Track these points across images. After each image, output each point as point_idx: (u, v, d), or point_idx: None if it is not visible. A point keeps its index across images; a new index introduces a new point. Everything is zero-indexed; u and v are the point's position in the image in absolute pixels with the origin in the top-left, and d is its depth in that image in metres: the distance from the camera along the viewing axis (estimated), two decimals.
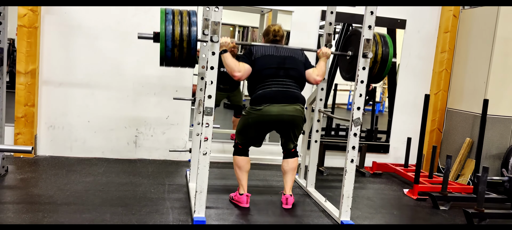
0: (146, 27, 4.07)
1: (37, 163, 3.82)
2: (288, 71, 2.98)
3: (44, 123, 4.08)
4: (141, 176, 3.66)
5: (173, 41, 2.64)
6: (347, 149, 2.83)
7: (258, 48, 3.03)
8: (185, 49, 2.67)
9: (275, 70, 2.96)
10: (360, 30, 3.04)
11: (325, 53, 3.16)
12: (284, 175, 3.18)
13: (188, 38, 2.64)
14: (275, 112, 2.92)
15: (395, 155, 4.75)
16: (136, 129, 4.24)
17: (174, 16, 2.68)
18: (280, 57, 3.01)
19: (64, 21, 3.97)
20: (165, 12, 2.67)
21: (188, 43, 2.66)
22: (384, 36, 3.13)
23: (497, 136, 4.15)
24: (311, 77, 3.09)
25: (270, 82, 2.96)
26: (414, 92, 4.69)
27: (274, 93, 2.93)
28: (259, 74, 2.96)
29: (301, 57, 3.09)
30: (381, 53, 3.04)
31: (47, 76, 4.02)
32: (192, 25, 2.66)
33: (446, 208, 3.41)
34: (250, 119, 3.00)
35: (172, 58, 2.70)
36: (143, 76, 4.15)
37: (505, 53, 4.09)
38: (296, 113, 2.97)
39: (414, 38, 4.61)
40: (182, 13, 2.71)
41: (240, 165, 3.11)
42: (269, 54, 3.00)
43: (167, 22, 2.64)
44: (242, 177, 3.10)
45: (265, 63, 2.96)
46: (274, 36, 3.12)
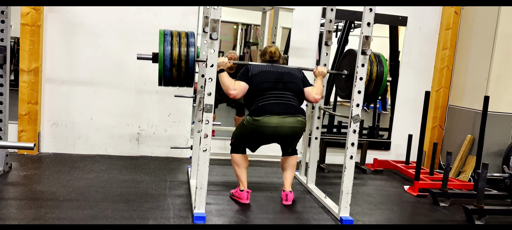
0: (148, 24, 4.11)
1: (41, 160, 3.87)
2: (287, 84, 3.01)
3: (47, 121, 4.13)
4: (143, 173, 3.69)
5: (172, 61, 2.71)
6: (346, 146, 2.85)
7: (254, 66, 3.07)
8: (183, 69, 2.76)
9: (273, 84, 2.98)
10: (355, 50, 3.10)
11: (321, 72, 3.21)
12: (283, 171, 3.21)
13: (186, 59, 2.72)
14: (274, 123, 2.90)
15: (397, 152, 4.76)
16: (138, 126, 4.28)
17: (173, 37, 2.77)
18: (278, 73, 3.05)
19: (67, 19, 4.01)
20: (164, 33, 2.76)
21: (186, 63, 2.74)
22: (378, 56, 3.19)
23: (498, 132, 4.15)
24: (311, 95, 3.10)
25: (269, 95, 2.96)
26: (415, 89, 4.69)
27: (274, 105, 2.93)
28: (257, 88, 2.97)
29: (298, 74, 3.14)
30: (376, 72, 3.10)
31: (50, 74, 4.06)
32: (190, 46, 2.74)
33: (446, 204, 3.42)
34: (248, 129, 2.99)
35: (171, 78, 2.79)
36: (145, 73, 4.18)
37: (506, 49, 4.09)
38: (297, 124, 2.95)
39: (415, 35, 4.61)
40: (181, 34, 2.79)
41: (238, 162, 3.13)
42: (266, 70, 3.04)
43: (166, 43, 2.71)
44: (241, 173, 3.13)
45: (263, 78, 2.99)
46: (271, 57, 3.18)
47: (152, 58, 2.80)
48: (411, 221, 3.18)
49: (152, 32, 4.14)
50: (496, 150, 4.16)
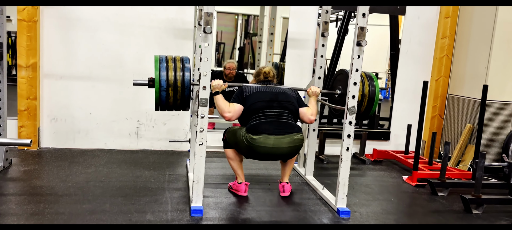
0: (144, 18, 4.10)
1: (41, 155, 3.89)
2: (282, 103, 3.01)
3: (47, 116, 4.14)
4: (142, 167, 3.71)
5: (167, 86, 2.76)
6: (342, 137, 2.84)
7: (249, 87, 3.07)
8: (179, 93, 2.80)
9: (268, 103, 2.99)
10: (346, 70, 3.12)
11: (315, 92, 3.22)
12: (282, 164, 3.22)
13: (181, 83, 2.78)
14: (271, 144, 2.88)
15: (396, 142, 4.75)
16: (137, 120, 4.29)
17: (168, 63, 2.81)
18: (272, 93, 3.06)
19: (63, 14, 4.00)
20: (159, 59, 2.81)
21: (182, 88, 2.79)
22: (370, 76, 3.21)
23: (498, 121, 4.13)
24: (306, 116, 3.11)
25: (265, 113, 2.96)
26: (414, 78, 4.66)
27: (270, 124, 2.92)
28: (252, 108, 2.97)
29: (293, 94, 3.14)
30: (368, 91, 3.12)
31: (48, 69, 4.07)
32: (186, 71, 2.80)
33: (444, 194, 3.42)
34: (244, 146, 2.95)
35: (167, 102, 2.84)
36: (143, 67, 4.18)
37: (506, 38, 4.05)
38: (294, 143, 2.94)
39: (414, 24, 4.57)
40: (175, 59, 2.85)
41: (231, 156, 3.13)
42: (260, 91, 3.05)
43: (161, 69, 2.76)
44: (236, 166, 3.14)
45: (258, 98, 3.00)
46: (265, 77, 3.19)
47: (148, 84, 2.86)
48: (408, 212, 3.19)
49: (148, 26, 4.14)
50: (495, 139, 4.14)
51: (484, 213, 3.05)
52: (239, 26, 7.91)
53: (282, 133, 2.91)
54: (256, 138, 2.88)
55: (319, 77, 3.48)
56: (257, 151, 2.91)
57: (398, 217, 3.00)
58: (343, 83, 3.20)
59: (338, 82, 3.32)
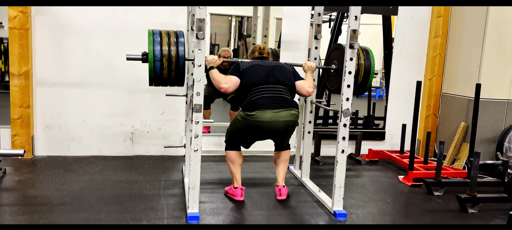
0: (137, 23, 4.08)
1: (35, 163, 3.87)
2: (278, 78, 2.99)
3: (41, 124, 4.12)
4: (138, 173, 3.69)
5: (162, 61, 2.71)
6: (337, 140, 2.85)
7: (244, 62, 3.06)
8: (173, 68, 2.75)
9: (264, 78, 2.96)
10: (342, 44, 3.14)
11: (310, 67, 3.21)
12: (276, 166, 3.22)
13: (176, 58, 2.72)
14: (268, 118, 2.89)
15: (391, 141, 4.76)
16: (132, 126, 4.27)
17: (162, 37, 2.76)
18: (268, 67, 3.03)
19: (55, 22, 3.98)
20: (153, 33, 2.75)
21: (177, 63, 2.73)
22: (366, 50, 3.21)
23: (492, 119, 4.15)
24: (303, 88, 3.10)
25: (261, 89, 2.94)
26: (408, 78, 4.68)
27: (266, 99, 2.91)
28: (249, 82, 2.95)
29: (288, 68, 3.13)
30: (364, 66, 3.13)
31: (41, 77, 4.04)
32: (180, 45, 2.75)
33: (440, 193, 3.43)
34: (242, 125, 2.98)
35: (161, 77, 2.78)
36: (136, 73, 4.16)
37: (497, 36, 4.07)
38: (291, 118, 2.95)
39: (406, 24, 4.58)
40: (169, 33, 2.79)
41: (233, 159, 3.12)
42: (256, 64, 3.03)
43: (155, 43, 2.71)
44: (235, 170, 3.13)
45: (254, 73, 2.98)
46: (260, 53, 3.18)
47: (141, 58, 2.80)
48: (404, 212, 3.20)
49: (141, 31, 4.11)
50: (489, 136, 4.16)
51: (479, 211, 3.07)
52: (233, 28, 7.90)
53: (279, 107, 2.90)
54: (253, 114, 2.88)
55: (313, 79, 3.47)
56: (255, 126, 2.90)
57: (394, 217, 3.01)
58: (338, 58, 3.19)
59: (334, 57, 3.30)
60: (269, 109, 2.88)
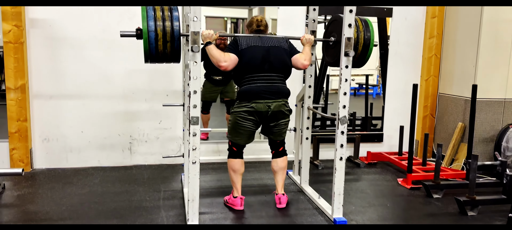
0: None
1: (34, 177, 3.86)
2: (273, 63, 3.01)
3: (38, 136, 4.11)
4: (137, 184, 3.69)
5: (156, 37, 2.64)
6: (335, 147, 2.85)
7: (243, 39, 3.04)
8: (168, 44, 2.67)
9: (260, 64, 2.99)
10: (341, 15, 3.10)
11: (309, 40, 3.19)
12: (275, 175, 3.22)
13: (171, 33, 2.65)
14: (261, 108, 2.98)
15: (389, 143, 4.77)
16: (129, 136, 4.26)
17: (156, 12, 2.69)
18: (265, 49, 3.02)
19: (50, 34, 3.96)
20: (146, 9, 2.68)
21: (171, 38, 2.66)
22: (365, 21, 3.17)
23: (489, 119, 4.16)
24: (299, 61, 3.10)
25: (255, 77, 3.00)
26: (404, 79, 4.69)
27: (259, 89, 2.98)
28: (245, 67, 3.00)
29: (285, 45, 3.11)
30: (363, 38, 3.08)
31: (37, 90, 4.03)
32: (174, 20, 2.67)
33: (439, 196, 3.44)
34: (238, 115, 3.03)
35: (156, 54, 2.71)
36: (132, 83, 4.16)
37: (492, 36, 4.08)
38: (279, 108, 3.03)
39: (401, 25, 4.59)
40: (164, 9, 2.71)
41: (235, 168, 3.13)
42: (254, 45, 3.02)
43: (149, 18, 2.64)
44: (236, 180, 3.13)
45: (251, 56, 2.99)
46: (258, 26, 3.17)
47: (136, 35, 2.73)
48: (404, 216, 3.20)
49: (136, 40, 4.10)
50: (487, 136, 4.17)
51: (479, 214, 3.08)
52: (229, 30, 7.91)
53: (271, 98, 3.00)
54: (247, 104, 2.99)
55: (309, 86, 3.48)
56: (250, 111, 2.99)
57: (394, 222, 3.01)
58: (337, 30, 3.14)
59: (332, 29, 3.25)
60: (262, 100, 2.97)
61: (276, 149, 3.21)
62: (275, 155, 3.22)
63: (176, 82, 4.23)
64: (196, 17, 2.54)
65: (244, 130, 3.06)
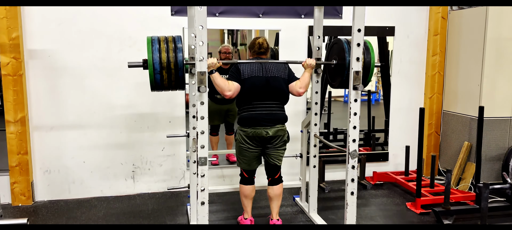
0: (133, 60, 3.98)
1: (36, 211, 3.78)
2: (271, 93, 3.15)
3: (39, 169, 4.04)
4: (142, 217, 3.62)
5: (161, 65, 2.75)
6: (346, 182, 2.80)
7: (245, 68, 3.15)
8: (173, 71, 2.78)
9: (260, 93, 3.13)
10: (341, 39, 3.21)
11: (310, 65, 3.23)
12: (270, 201, 3.31)
13: (175, 61, 2.76)
14: (259, 133, 3.12)
15: (395, 162, 4.73)
16: (132, 164, 4.20)
17: (160, 44, 2.80)
18: (265, 79, 3.14)
19: (49, 65, 3.90)
20: (151, 39, 2.80)
21: (176, 66, 2.77)
22: (365, 44, 3.19)
23: (495, 137, 4.13)
24: (294, 89, 3.20)
25: (255, 105, 3.14)
26: (408, 97, 4.65)
27: (258, 116, 3.12)
28: (246, 95, 3.13)
29: (284, 74, 3.21)
30: (363, 61, 3.10)
31: (37, 122, 3.96)
32: (178, 51, 2.79)
33: (450, 222, 3.39)
34: (242, 140, 3.17)
35: (162, 82, 2.82)
36: (134, 111, 4.10)
37: (496, 54, 4.05)
38: (276, 133, 3.16)
39: (404, 44, 4.55)
40: (168, 39, 2.84)
41: (246, 193, 3.27)
42: (255, 75, 3.13)
43: (154, 48, 2.76)
44: (247, 203, 3.30)
45: (252, 85, 3.11)
46: (259, 49, 3.25)
47: (142, 65, 2.84)
48: None
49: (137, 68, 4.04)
50: (494, 155, 4.14)
51: None
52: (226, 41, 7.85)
53: (269, 125, 3.13)
54: (247, 129, 3.14)
55: (316, 114, 3.43)
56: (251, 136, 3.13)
57: None
58: (338, 53, 3.22)
59: (334, 52, 3.31)
60: (261, 126, 3.11)
61: (272, 176, 3.29)
62: (272, 183, 3.29)
63: (179, 108, 4.18)
64: (202, 57, 2.49)
65: (248, 153, 3.18)
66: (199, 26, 2.47)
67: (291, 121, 3.51)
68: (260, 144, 3.17)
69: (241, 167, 3.27)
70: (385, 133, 4.83)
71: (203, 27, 2.48)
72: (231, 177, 4.38)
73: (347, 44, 3.16)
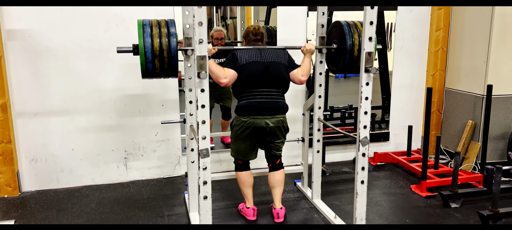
0: (121, 40, 3.71)
1: (24, 203, 3.57)
2: (272, 79, 2.97)
3: (25, 158, 3.80)
4: (137, 207, 3.44)
5: (153, 52, 2.53)
6: (356, 170, 2.65)
7: (242, 54, 2.96)
8: (166, 59, 2.57)
9: (259, 80, 2.95)
10: (341, 21, 3.02)
11: (309, 50, 3.07)
12: (272, 189, 3.16)
13: (168, 48, 2.55)
14: (259, 124, 2.95)
15: (396, 141, 4.61)
16: (124, 150, 3.99)
17: (152, 28, 2.57)
18: (264, 64, 2.95)
19: (30, 46, 3.60)
20: (142, 23, 2.56)
21: (169, 53, 2.56)
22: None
23: (500, 116, 4.02)
24: (296, 78, 3.05)
25: (254, 92, 2.96)
26: (410, 74, 4.50)
27: (258, 104, 2.95)
28: (244, 82, 2.95)
29: (284, 60, 3.03)
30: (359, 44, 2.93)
31: (20, 108, 3.69)
32: (172, 37, 2.57)
33: (457, 205, 3.30)
34: (238, 130, 3.01)
35: (154, 70, 2.61)
36: (124, 94, 3.86)
37: (504, 30, 3.88)
38: (277, 124, 3.00)
39: (406, 19, 4.36)
40: (160, 23, 2.61)
41: (243, 180, 3.12)
42: (253, 61, 2.95)
43: (145, 34, 2.53)
44: (246, 191, 3.13)
45: (250, 71, 2.93)
46: (255, 36, 3.07)
47: (132, 51, 2.62)
48: None
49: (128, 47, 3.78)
50: (498, 133, 4.04)
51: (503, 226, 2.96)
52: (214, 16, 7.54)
53: (269, 114, 2.96)
54: (246, 119, 2.96)
55: (319, 96, 3.25)
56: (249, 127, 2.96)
57: None
58: (338, 36, 3.05)
59: (333, 36, 3.13)
60: (260, 116, 2.94)
61: (273, 162, 3.15)
62: (273, 168, 3.16)
63: (172, 91, 3.95)
64: (201, 39, 2.26)
65: (245, 145, 3.03)
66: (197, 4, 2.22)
67: (291, 102, 3.33)
68: (259, 137, 3.02)
69: (235, 157, 3.13)
70: (382, 111, 4.70)
71: (201, 6, 2.24)
72: (228, 162, 4.21)
73: (347, 27, 2.96)
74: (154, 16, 3.48)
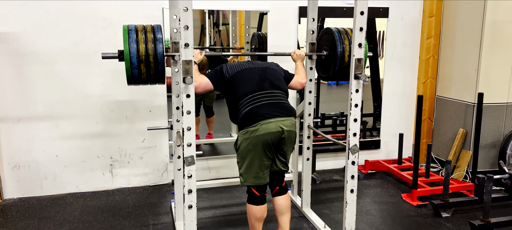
0: (108, 45, 3.65)
1: (5, 210, 3.46)
2: (273, 82, 2.61)
3: (7, 164, 3.69)
4: (122, 216, 3.35)
5: (139, 58, 2.44)
6: (345, 179, 2.59)
7: (230, 67, 2.64)
8: (152, 65, 2.47)
9: (259, 83, 2.56)
10: (331, 28, 2.96)
11: (300, 56, 2.98)
12: (279, 216, 2.70)
13: (154, 54, 2.45)
14: (273, 129, 2.42)
15: (387, 149, 4.57)
16: (110, 157, 3.89)
17: (138, 33, 2.48)
18: (259, 69, 2.65)
19: (14, 49, 3.51)
20: (128, 28, 2.47)
21: (155, 59, 2.46)
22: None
23: (491, 124, 4.00)
24: (297, 82, 2.86)
25: (257, 95, 2.52)
26: (401, 82, 4.47)
27: (266, 106, 2.48)
28: (241, 90, 2.54)
29: (279, 69, 2.80)
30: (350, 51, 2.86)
31: (3, 113, 3.59)
32: (158, 42, 2.47)
33: (448, 215, 3.26)
34: (248, 146, 2.46)
35: (140, 76, 2.51)
36: (111, 99, 3.78)
37: (495, 39, 3.87)
38: (293, 128, 2.53)
39: (398, 26, 4.34)
40: (146, 28, 2.52)
41: (258, 216, 2.57)
42: (245, 68, 2.63)
43: (131, 39, 2.44)
44: (257, 226, 2.62)
45: (245, 79, 2.58)
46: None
47: (117, 56, 2.52)
48: None
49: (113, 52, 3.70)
50: (489, 142, 4.02)
51: None
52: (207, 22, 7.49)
53: (282, 115, 2.48)
54: (256, 127, 2.41)
55: (309, 103, 3.20)
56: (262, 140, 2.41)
57: None
58: (328, 43, 2.99)
59: (324, 43, 3.06)
60: (272, 118, 2.43)
61: (279, 184, 2.69)
62: (278, 192, 2.69)
63: (160, 97, 3.87)
64: (187, 43, 2.19)
65: (259, 162, 2.47)
66: (183, 7, 2.16)
67: None
68: (273, 148, 2.48)
69: (248, 183, 2.53)
70: (374, 118, 4.66)
71: (188, 9, 2.18)
72: (217, 169, 4.14)
73: (338, 33, 2.91)
74: (143, 21, 3.44)
